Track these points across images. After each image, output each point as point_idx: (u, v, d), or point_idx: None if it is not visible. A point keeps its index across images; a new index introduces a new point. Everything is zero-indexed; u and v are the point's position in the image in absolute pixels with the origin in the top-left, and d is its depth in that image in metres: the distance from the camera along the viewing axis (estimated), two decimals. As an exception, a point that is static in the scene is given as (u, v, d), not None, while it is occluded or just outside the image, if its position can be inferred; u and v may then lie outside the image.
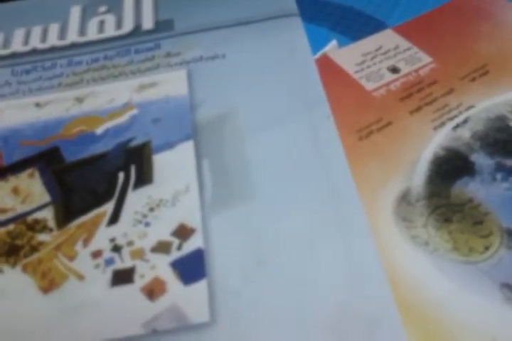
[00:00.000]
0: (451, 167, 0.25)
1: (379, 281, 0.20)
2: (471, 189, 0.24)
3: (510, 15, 0.33)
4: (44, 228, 0.23)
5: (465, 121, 0.27)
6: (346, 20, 0.36)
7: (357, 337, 0.19)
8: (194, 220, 0.23)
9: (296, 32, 0.30)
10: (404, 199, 0.24)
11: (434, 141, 0.26)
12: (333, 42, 0.33)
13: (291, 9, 0.32)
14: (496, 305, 0.21)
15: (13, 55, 0.31)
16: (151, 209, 0.23)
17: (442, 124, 0.27)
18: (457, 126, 0.27)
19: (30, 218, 0.24)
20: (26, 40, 0.32)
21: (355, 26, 0.35)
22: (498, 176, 0.25)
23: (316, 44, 0.32)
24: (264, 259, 0.21)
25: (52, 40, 0.32)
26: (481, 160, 0.26)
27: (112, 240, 0.22)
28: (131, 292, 0.21)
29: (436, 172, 0.25)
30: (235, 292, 0.21)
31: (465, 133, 0.27)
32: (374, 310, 0.20)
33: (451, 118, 0.27)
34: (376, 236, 0.23)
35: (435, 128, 0.27)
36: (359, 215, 0.22)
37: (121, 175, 0.25)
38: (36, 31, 0.32)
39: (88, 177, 0.25)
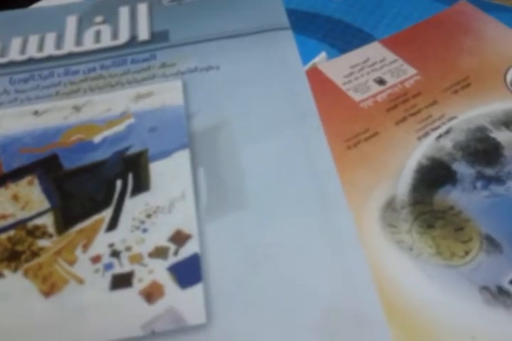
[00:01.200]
0: (434, 176, 0.27)
1: (366, 284, 0.22)
2: (453, 197, 0.26)
3: (491, 30, 0.34)
4: (44, 234, 0.24)
5: (447, 132, 0.28)
6: (335, 32, 0.37)
7: (346, 337, 0.20)
8: (190, 226, 0.24)
9: (287, 45, 0.31)
10: (390, 206, 0.25)
11: (418, 151, 0.28)
12: (323, 54, 0.34)
13: (282, 23, 0.33)
14: (476, 306, 0.22)
15: (11, 64, 0.32)
16: (149, 216, 0.24)
17: (426, 134, 0.28)
18: (440, 136, 0.28)
19: (30, 224, 0.24)
20: (23, 49, 0.33)
21: (343, 38, 0.36)
22: (479, 184, 0.26)
23: (306, 55, 0.33)
24: (258, 264, 0.22)
25: (49, 49, 0.33)
26: (463, 169, 0.27)
27: (111, 245, 0.23)
28: (130, 295, 0.22)
29: (420, 180, 0.26)
30: (230, 295, 0.22)
31: (447, 143, 0.28)
32: (361, 312, 0.21)
33: (435, 129, 0.29)
34: (363, 241, 0.24)
35: (419, 138, 0.28)
36: (347, 221, 0.23)
37: (118, 183, 0.25)
38: (33, 40, 0.33)
39: (86, 185, 0.26)
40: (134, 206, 0.25)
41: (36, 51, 0.33)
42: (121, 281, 0.22)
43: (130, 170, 0.26)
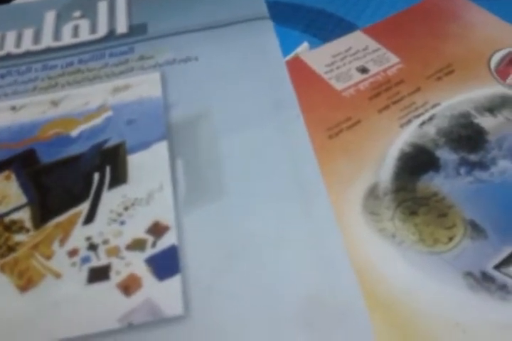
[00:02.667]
0: (417, 162, 0.26)
1: (346, 273, 0.21)
2: (436, 183, 0.25)
3: (475, 17, 0.34)
4: (21, 228, 0.24)
5: (431, 119, 0.28)
6: (318, 22, 0.36)
7: (326, 326, 0.20)
8: (168, 218, 0.23)
9: (267, 34, 0.31)
10: (372, 193, 0.25)
11: (401, 138, 0.27)
12: (305, 44, 0.34)
13: (262, 12, 0.32)
14: (460, 292, 0.21)
15: (-12, 60, 0.32)
16: (126, 208, 0.24)
17: (409, 122, 0.28)
18: (423, 123, 0.28)
19: (6, 219, 0.24)
20: (1, 45, 0.32)
21: (326, 28, 0.36)
22: (462, 170, 0.26)
23: (288, 46, 0.33)
24: (236, 254, 0.22)
25: (27, 44, 0.32)
26: (446, 155, 0.27)
27: (88, 239, 0.23)
28: (107, 288, 0.21)
29: (402, 167, 0.26)
30: (207, 286, 0.21)
31: (431, 129, 0.28)
32: (342, 301, 0.20)
33: (418, 116, 0.28)
34: (345, 229, 0.24)
35: (402, 126, 0.28)
36: (327, 210, 0.23)
37: (96, 176, 0.25)
38: (11, 36, 0.33)
39: (64, 178, 0.25)
40: (111, 199, 0.24)
41: (14, 47, 0.32)
42: (99, 274, 0.22)
43: (107, 162, 0.25)
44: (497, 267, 0.22)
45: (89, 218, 0.24)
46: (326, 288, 0.21)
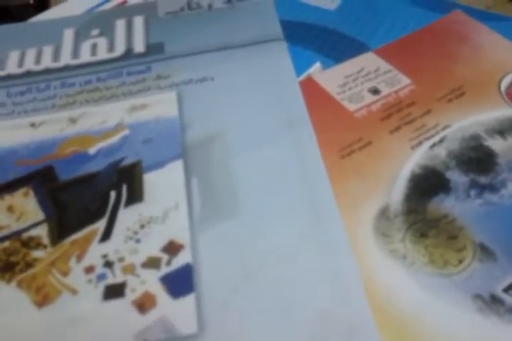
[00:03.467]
0: (427, 184, 0.27)
1: (357, 292, 0.22)
2: (447, 205, 0.26)
3: (485, 39, 0.35)
4: (38, 245, 0.24)
5: (441, 141, 0.29)
6: (330, 42, 0.37)
7: (337, 343, 0.20)
8: (183, 236, 0.24)
9: (281, 55, 0.32)
10: (383, 215, 0.25)
11: (411, 160, 0.28)
12: (317, 65, 0.34)
13: (276, 34, 0.33)
14: (469, 315, 0.22)
15: (8, 77, 0.32)
16: (142, 226, 0.24)
17: (420, 143, 0.28)
18: (434, 145, 0.28)
19: (24, 235, 0.25)
20: (21, 62, 0.33)
21: (338, 48, 0.37)
22: (472, 193, 0.26)
23: (301, 66, 0.33)
24: (250, 273, 0.22)
25: (46, 62, 0.33)
26: (456, 177, 0.27)
27: (104, 256, 0.23)
28: (122, 305, 0.22)
29: (413, 189, 0.26)
30: (222, 304, 0.22)
31: (441, 151, 0.28)
32: (353, 319, 0.21)
33: (428, 138, 0.29)
34: (356, 249, 0.24)
35: (413, 147, 0.28)
36: (339, 230, 0.24)
37: (112, 194, 0.26)
38: (31, 53, 0.33)
39: (81, 196, 0.26)
40: (127, 216, 0.25)
41: (34, 64, 0.33)
42: (114, 292, 0.22)
43: (124, 181, 0.26)
44: (506, 290, 0.22)
45: (106, 235, 0.24)
46: (337, 306, 0.21)
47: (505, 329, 0.21)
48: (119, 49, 0.33)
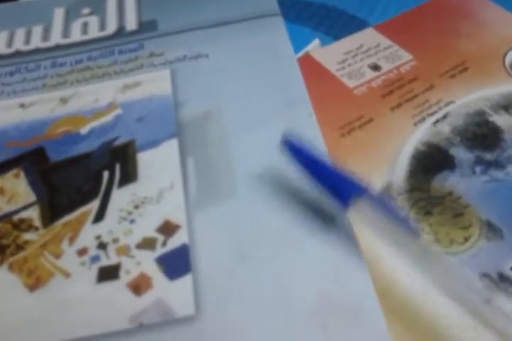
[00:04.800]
0: (431, 161, 0.26)
1: (360, 273, 0.21)
2: (451, 182, 0.25)
3: (489, 14, 0.34)
4: (30, 227, 0.23)
5: (445, 117, 0.28)
6: (329, 19, 0.36)
7: (340, 326, 0.19)
8: (179, 216, 0.23)
9: (278, 31, 0.31)
10: (386, 193, 0.25)
11: (414, 137, 0.27)
12: (316, 42, 0.33)
13: (272, 9, 0.32)
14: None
15: (-3, 58, 0.31)
16: (136, 207, 0.23)
17: (422, 120, 0.28)
18: (437, 121, 0.27)
19: (15, 217, 0.24)
20: (10, 43, 0.32)
21: (337, 26, 0.36)
22: (478, 169, 0.25)
23: (300, 44, 0.32)
24: (248, 253, 0.22)
25: (36, 42, 0.32)
26: (461, 154, 0.26)
27: (98, 237, 0.23)
28: (117, 288, 0.21)
29: (416, 166, 0.26)
30: (219, 286, 0.21)
31: (445, 128, 0.27)
32: (356, 301, 0.20)
33: (431, 114, 0.28)
34: (358, 229, 0.23)
35: (415, 124, 0.27)
36: (339, 211, 0.23)
37: (105, 174, 0.25)
38: (20, 33, 0.32)
39: (73, 177, 0.25)
40: (121, 197, 0.24)
41: (23, 44, 0.32)
42: (108, 274, 0.22)
43: (117, 160, 0.25)
44: (515, 268, 0.22)
45: (99, 217, 0.23)
46: (338, 288, 0.20)
47: (513, 308, 0.21)
48: (111, 27, 0.32)
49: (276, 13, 0.32)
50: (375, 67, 0.31)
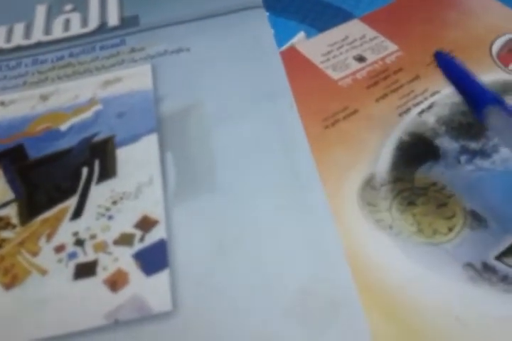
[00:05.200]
0: (415, 152, 0.25)
1: (340, 265, 0.20)
2: (436, 173, 0.24)
3: (475, 2, 0.33)
4: (7, 225, 0.23)
5: (430, 107, 0.27)
6: (315, 12, 0.36)
7: (319, 318, 0.19)
8: (157, 212, 0.23)
9: (260, 24, 0.30)
10: (369, 184, 0.24)
11: (399, 127, 0.27)
12: (301, 34, 0.33)
13: (254, 1, 0.32)
14: (460, 284, 0.21)
15: (-21, 56, 0.31)
16: (114, 203, 0.23)
17: (408, 110, 0.27)
18: (422, 111, 0.27)
19: (-7, 216, 0.24)
20: (-9, 41, 0.32)
21: (323, 18, 0.35)
22: (463, 159, 0.25)
23: (285, 36, 0.32)
24: (227, 248, 0.21)
25: (18, 39, 0.32)
26: (446, 144, 0.26)
27: (75, 234, 0.22)
28: (93, 284, 0.21)
29: (400, 157, 0.25)
30: (197, 281, 0.20)
31: (430, 118, 0.27)
32: (335, 293, 0.20)
33: (417, 104, 0.27)
34: (341, 221, 0.23)
35: (401, 115, 0.27)
36: (321, 202, 0.22)
37: (84, 170, 0.24)
38: (1, 31, 0.32)
39: (52, 174, 0.25)
40: (99, 193, 0.24)
41: (4, 42, 0.32)
42: (85, 270, 0.21)
43: (96, 156, 0.25)
44: (498, 257, 0.21)
45: (77, 213, 0.23)
46: (319, 280, 0.20)
47: (498, 299, 0.20)
48: (93, 23, 0.32)
49: (259, 5, 0.31)
50: (360, 59, 0.30)
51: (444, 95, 0.28)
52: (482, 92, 0.22)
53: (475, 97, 0.22)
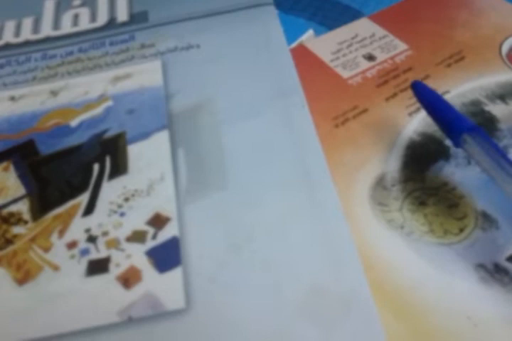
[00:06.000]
0: (426, 152, 0.25)
1: (353, 264, 0.20)
2: (446, 173, 0.24)
3: (485, 2, 0.33)
4: (19, 220, 0.23)
5: (440, 107, 0.27)
6: (323, 10, 0.36)
7: (331, 317, 0.19)
8: (169, 209, 0.23)
9: (270, 21, 0.30)
10: (380, 184, 0.24)
11: (409, 127, 0.27)
12: (310, 32, 0.33)
13: (264, -2, 0.32)
14: (471, 285, 0.21)
15: (-13, 50, 0.31)
16: (126, 199, 0.23)
17: (418, 110, 0.27)
18: (432, 111, 0.27)
19: (5, 211, 0.24)
20: (0, 35, 0.32)
21: (332, 16, 0.35)
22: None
23: (294, 34, 0.32)
24: (240, 245, 0.21)
25: (26, 34, 0.32)
26: (456, 144, 0.26)
27: (87, 230, 0.22)
28: (106, 281, 0.21)
29: (411, 157, 0.25)
30: (210, 278, 0.20)
31: (440, 118, 0.27)
32: (348, 292, 0.20)
33: (427, 104, 0.27)
34: (352, 220, 0.23)
35: (410, 114, 0.27)
36: (333, 200, 0.22)
37: (96, 167, 0.24)
38: (10, 25, 0.32)
39: (63, 170, 0.25)
40: (111, 190, 0.24)
41: (13, 36, 0.32)
42: (98, 267, 0.21)
43: (107, 153, 0.25)
44: (510, 259, 0.21)
45: (89, 209, 0.23)
46: (331, 278, 0.20)
47: (509, 300, 0.20)
48: (102, 19, 0.32)
49: (269, 3, 0.31)
50: (370, 57, 0.30)
51: (454, 95, 0.28)
52: (459, 120, 0.22)
53: (452, 125, 0.22)
